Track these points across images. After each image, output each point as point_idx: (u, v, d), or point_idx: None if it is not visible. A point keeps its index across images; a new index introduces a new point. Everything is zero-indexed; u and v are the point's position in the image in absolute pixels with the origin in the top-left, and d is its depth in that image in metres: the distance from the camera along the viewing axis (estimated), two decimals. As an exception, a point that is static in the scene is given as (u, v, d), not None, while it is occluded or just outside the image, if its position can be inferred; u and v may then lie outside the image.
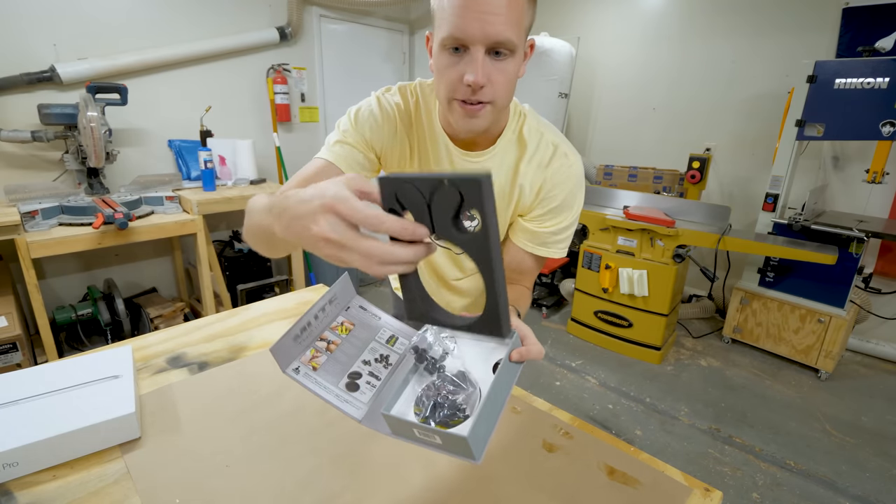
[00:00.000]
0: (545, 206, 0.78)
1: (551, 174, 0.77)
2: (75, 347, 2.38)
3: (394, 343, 0.61)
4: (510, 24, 0.61)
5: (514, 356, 0.51)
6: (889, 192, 2.71)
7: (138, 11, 2.51)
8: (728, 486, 1.81)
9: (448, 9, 0.62)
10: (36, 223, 1.93)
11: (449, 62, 0.64)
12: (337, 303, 0.61)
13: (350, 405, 0.53)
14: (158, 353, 1.00)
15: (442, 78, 0.66)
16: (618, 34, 3.64)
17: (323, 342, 0.58)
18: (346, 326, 0.60)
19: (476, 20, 0.60)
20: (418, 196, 0.43)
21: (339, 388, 0.55)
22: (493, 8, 0.60)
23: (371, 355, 0.59)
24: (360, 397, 0.55)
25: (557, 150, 0.77)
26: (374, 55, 3.74)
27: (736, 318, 2.85)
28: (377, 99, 0.79)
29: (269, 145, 3.10)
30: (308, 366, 0.55)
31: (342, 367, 0.57)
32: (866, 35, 2.61)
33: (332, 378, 0.55)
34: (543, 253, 0.80)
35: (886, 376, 2.65)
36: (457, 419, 0.47)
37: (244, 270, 2.86)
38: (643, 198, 2.85)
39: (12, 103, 2.21)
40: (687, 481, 0.71)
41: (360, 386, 0.55)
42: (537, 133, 0.77)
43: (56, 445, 0.67)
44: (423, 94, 0.79)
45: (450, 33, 0.62)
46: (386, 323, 0.62)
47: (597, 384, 2.47)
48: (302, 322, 0.55)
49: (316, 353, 0.57)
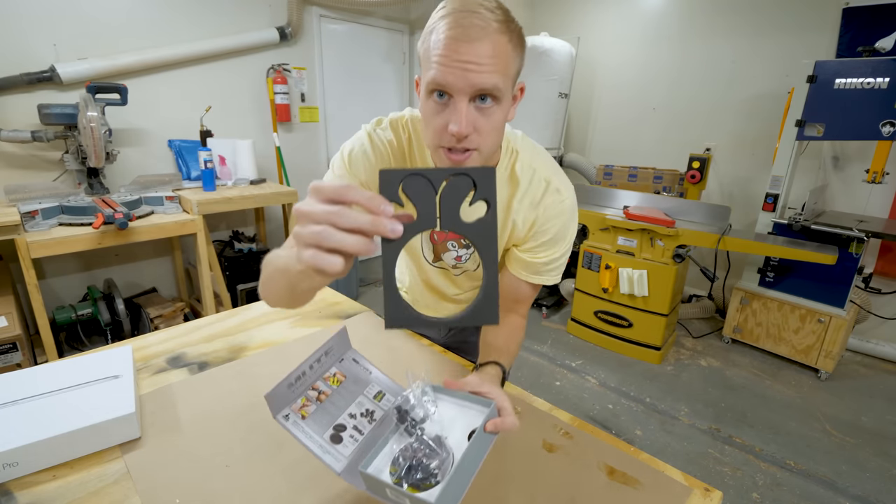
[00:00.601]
0: (538, 240, 0.79)
1: (543, 210, 0.78)
2: (75, 347, 2.37)
3: (380, 399, 0.64)
4: (494, 72, 0.60)
5: (488, 427, 0.54)
6: (889, 192, 2.71)
7: (138, 11, 2.51)
8: (728, 486, 1.81)
9: (433, 56, 0.61)
10: (36, 223, 1.93)
11: (434, 109, 0.63)
12: (332, 354, 0.64)
13: (331, 457, 0.56)
14: (158, 353, 1.00)
15: (428, 125, 0.66)
16: (618, 34, 3.64)
17: (314, 392, 0.61)
18: (337, 378, 0.63)
19: (459, 68, 0.59)
20: (427, 187, 0.45)
21: (324, 438, 0.58)
22: (477, 58, 0.59)
23: (358, 409, 0.61)
24: (343, 450, 0.57)
25: (549, 185, 0.78)
26: (374, 55, 3.74)
27: (736, 318, 2.85)
28: (369, 137, 0.78)
29: (269, 145, 3.10)
30: (297, 413, 0.58)
31: (330, 417, 0.60)
32: (866, 35, 2.61)
33: (319, 428, 0.58)
34: (537, 281, 0.82)
35: (886, 376, 2.65)
36: (428, 483, 0.50)
37: (244, 270, 2.86)
38: (643, 198, 2.85)
39: (12, 103, 2.21)
40: (687, 481, 0.71)
41: (343, 439, 0.58)
42: (529, 169, 0.77)
43: (56, 445, 0.67)
44: (415, 130, 0.78)
45: (433, 80, 0.61)
46: (376, 378, 0.65)
47: (597, 384, 2.47)
48: (297, 371, 0.59)
49: (306, 402, 0.60)
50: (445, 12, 0.61)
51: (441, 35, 0.60)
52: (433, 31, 0.62)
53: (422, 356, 1.04)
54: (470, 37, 0.58)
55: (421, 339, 1.11)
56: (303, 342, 1.06)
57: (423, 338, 1.13)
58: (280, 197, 2.63)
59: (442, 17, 0.61)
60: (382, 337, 1.11)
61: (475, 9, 0.59)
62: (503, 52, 0.61)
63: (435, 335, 1.18)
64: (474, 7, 0.59)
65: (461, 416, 0.58)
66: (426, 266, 0.96)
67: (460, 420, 0.58)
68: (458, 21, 0.59)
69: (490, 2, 0.61)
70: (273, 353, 1.01)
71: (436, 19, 0.62)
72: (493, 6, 0.61)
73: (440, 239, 0.89)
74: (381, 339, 1.10)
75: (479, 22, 0.58)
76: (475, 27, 0.58)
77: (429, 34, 0.63)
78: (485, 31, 0.59)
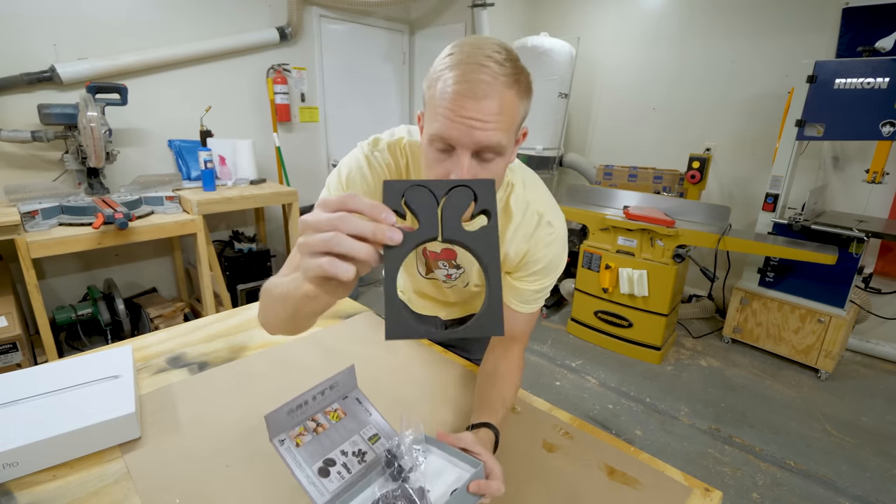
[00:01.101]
0: (528, 269, 0.81)
1: (535, 242, 0.79)
2: (75, 347, 2.37)
3: (375, 442, 0.64)
4: (500, 130, 0.59)
5: (471, 487, 0.54)
6: (889, 192, 2.71)
7: (138, 11, 2.51)
8: (728, 486, 1.81)
9: (438, 107, 0.60)
10: (36, 223, 1.93)
11: (436, 157, 0.63)
12: (337, 390, 0.65)
13: (315, 489, 0.57)
14: (158, 353, 1.00)
15: (429, 169, 0.66)
16: (618, 34, 3.64)
17: (313, 423, 0.63)
18: (338, 414, 0.65)
19: (464, 125, 0.58)
20: (430, 198, 0.46)
21: (313, 470, 0.59)
22: (483, 115, 0.57)
23: (351, 447, 0.62)
24: (328, 485, 0.58)
25: (542, 218, 0.79)
26: (374, 55, 3.74)
27: (736, 318, 2.85)
28: (367, 160, 0.77)
29: (269, 145, 3.10)
30: (293, 441, 0.60)
31: (322, 450, 0.61)
32: (866, 35, 2.61)
33: (309, 459, 0.59)
34: (525, 310, 0.83)
35: (886, 376, 2.65)
36: None
37: (244, 270, 2.86)
38: (643, 198, 2.85)
39: (12, 103, 2.21)
40: (687, 481, 0.71)
41: (330, 473, 0.59)
42: (524, 202, 0.78)
43: (56, 445, 0.67)
44: (412, 156, 0.78)
45: (438, 133, 0.60)
46: (374, 421, 0.66)
47: (597, 384, 2.47)
48: (300, 399, 0.60)
49: (303, 432, 0.61)
50: (453, 62, 0.59)
51: (448, 88, 0.58)
52: (440, 80, 0.60)
53: (421, 356, 1.04)
54: (477, 94, 0.57)
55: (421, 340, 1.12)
56: (302, 342, 1.06)
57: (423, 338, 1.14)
58: (280, 197, 2.63)
59: (449, 66, 0.59)
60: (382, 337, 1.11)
61: (483, 61, 0.57)
62: (509, 108, 0.60)
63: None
64: (482, 59, 0.58)
65: (448, 472, 0.59)
66: (419, 278, 0.98)
67: (446, 476, 0.58)
68: (466, 76, 0.57)
69: (499, 51, 0.59)
70: (273, 354, 1.01)
71: (443, 66, 0.60)
72: (502, 57, 0.59)
73: (433, 258, 0.90)
74: (380, 339, 1.10)
75: (487, 77, 0.57)
76: (482, 83, 0.57)
77: (435, 80, 0.61)
78: (492, 86, 0.57)
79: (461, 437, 0.63)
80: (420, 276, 0.97)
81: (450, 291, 0.99)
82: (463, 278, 0.92)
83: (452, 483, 0.57)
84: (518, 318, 0.84)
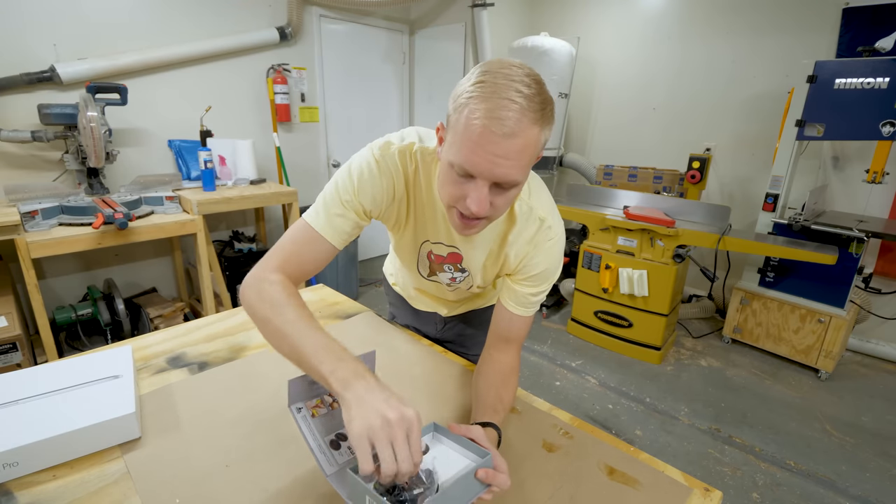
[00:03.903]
0: (526, 273, 0.82)
1: (534, 247, 0.81)
2: (75, 347, 2.37)
3: None
4: (520, 167, 0.61)
5: (479, 474, 0.55)
6: (889, 192, 2.71)
7: (138, 12, 2.51)
8: (728, 486, 1.81)
9: (462, 136, 0.60)
10: (36, 223, 1.93)
11: (455, 180, 0.65)
12: None
13: (325, 458, 0.59)
14: (158, 353, 1.00)
15: (445, 189, 0.68)
16: (618, 34, 3.64)
17: (330, 398, 0.66)
18: None
19: (487, 160, 0.59)
20: None
21: (325, 441, 0.61)
22: (506, 153, 0.59)
23: None
24: (338, 457, 0.60)
25: (543, 223, 0.80)
26: (374, 55, 3.74)
27: (736, 318, 2.85)
28: (377, 163, 0.77)
29: (269, 145, 3.10)
30: (309, 411, 0.63)
31: (335, 425, 0.63)
32: (866, 35, 2.61)
33: (323, 430, 0.62)
34: (522, 312, 0.85)
35: (886, 376, 2.65)
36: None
37: (244, 270, 2.85)
38: (643, 198, 2.85)
39: (12, 103, 2.21)
40: (687, 481, 0.71)
41: (341, 447, 0.62)
42: (527, 208, 0.80)
43: (56, 445, 0.67)
44: (423, 163, 0.79)
45: (459, 163, 0.62)
46: None
47: (597, 384, 2.47)
48: None
49: (320, 405, 0.64)
50: (483, 92, 0.58)
51: (475, 120, 0.58)
52: (467, 108, 0.59)
53: (421, 356, 1.04)
54: (503, 130, 0.57)
55: (421, 340, 1.12)
56: (303, 342, 1.06)
57: (423, 338, 1.14)
58: (280, 197, 2.63)
59: (478, 97, 0.59)
60: (383, 337, 1.11)
61: (513, 97, 0.57)
62: (533, 144, 0.61)
63: (430, 329, 1.18)
64: (512, 94, 0.57)
65: (456, 460, 0.60)
66: (420, 278, 0.99)
67: (455, 464, 0.59)
68: (494, 112, 0.57)
69: (529, 84, 0.59)
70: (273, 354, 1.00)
71: (471, 94, 0.60)
72: (531, 92, 0.59)
73: (437, 261, 0.90)
74: (381, 339, 1.10)
75: (514, 115, 0.57)
76: (510, 120, 0.57)
77: (462, 107, 0.60)
78: (519, 123, 0.58)
79: (471, 430, 0.64)
80: (422, 276, 0.98)
81: (452, 292, 1.00)
82: (467, 281, 0.92)
83: (460, 471, 0.58)
84: (515, 320, 0.85)
